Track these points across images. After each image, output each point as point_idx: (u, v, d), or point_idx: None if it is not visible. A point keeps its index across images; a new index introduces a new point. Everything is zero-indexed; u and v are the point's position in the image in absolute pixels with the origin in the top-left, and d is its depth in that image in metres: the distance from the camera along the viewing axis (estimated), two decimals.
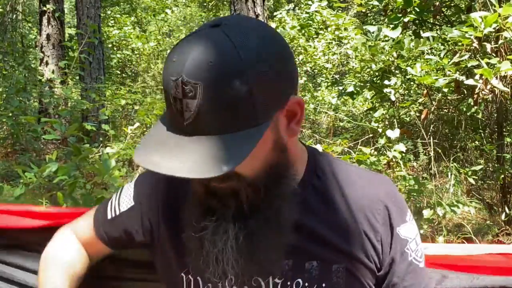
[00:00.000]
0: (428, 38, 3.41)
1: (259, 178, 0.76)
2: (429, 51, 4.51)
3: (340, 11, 6.58)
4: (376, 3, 4.37)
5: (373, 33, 3.62)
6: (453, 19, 4.53)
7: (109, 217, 0.98)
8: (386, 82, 3.76)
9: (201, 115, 0.67)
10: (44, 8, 6.76)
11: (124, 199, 0.98)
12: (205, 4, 12.47)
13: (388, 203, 0.90)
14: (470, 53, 3.23)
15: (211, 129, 0.68)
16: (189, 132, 0.68)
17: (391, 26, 3.75)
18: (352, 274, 0.86)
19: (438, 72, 3.61)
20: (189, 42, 0.69)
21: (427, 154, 4.91)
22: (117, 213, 0.97)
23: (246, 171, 0.74)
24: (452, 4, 4.68)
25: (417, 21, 4.24)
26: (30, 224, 1.16)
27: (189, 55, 0.67)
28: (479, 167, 4.43)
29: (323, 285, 0.85)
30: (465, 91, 3.64)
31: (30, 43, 9.69)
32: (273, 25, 6.69)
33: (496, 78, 2.87)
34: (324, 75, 7.71)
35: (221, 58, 0.66)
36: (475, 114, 4.19)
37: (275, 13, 7.78)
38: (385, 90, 3.73)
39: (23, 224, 1.16)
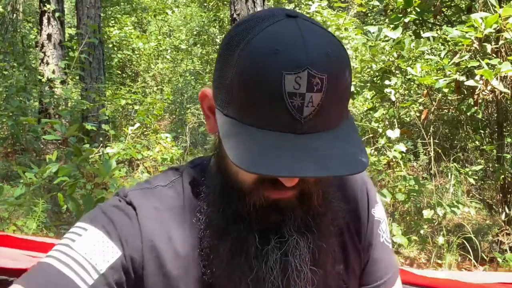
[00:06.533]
0: (428, 38, 3.41)
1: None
2: (430, 51, 4.51)
3: (340, 11, 6.57)
4: (376, 3, 4.37)
5: (373, 33, 3.62)
6: (453, 19, 4.53)
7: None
8: (386, 82, 3.76)
9: (323, 110, 0.61)
10: (44, 8, 6.75)
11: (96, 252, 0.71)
12: (205, 4, 12.46)
13: (368, 184, 0.89)
14: (470, 54, 3.23)
15: (328, 124, 0.63)
16: (304, 130, 0.61)
17: (392, 26, 3.75)
18: (354, 272, 0.86)
19: (439, 72, 3.61)
20: (291, 31, 0.62)
21: (427, 154, 4.91)
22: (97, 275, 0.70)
23: None
24: (452, 4, 4.68)
25: (417, 21, 4.24)
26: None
27: (304, 45, 0.60)
28: (479, 167, 4.43)
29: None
30: (465, 91, 3.64)
31: (30, 43, 9.67)
32: None
33: (497, 79, 2.87)
34: None
35: (336, 48, 0.63)
36: (475, 114, 4.19)
37: None
38: (386, 90, 3.73)
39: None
